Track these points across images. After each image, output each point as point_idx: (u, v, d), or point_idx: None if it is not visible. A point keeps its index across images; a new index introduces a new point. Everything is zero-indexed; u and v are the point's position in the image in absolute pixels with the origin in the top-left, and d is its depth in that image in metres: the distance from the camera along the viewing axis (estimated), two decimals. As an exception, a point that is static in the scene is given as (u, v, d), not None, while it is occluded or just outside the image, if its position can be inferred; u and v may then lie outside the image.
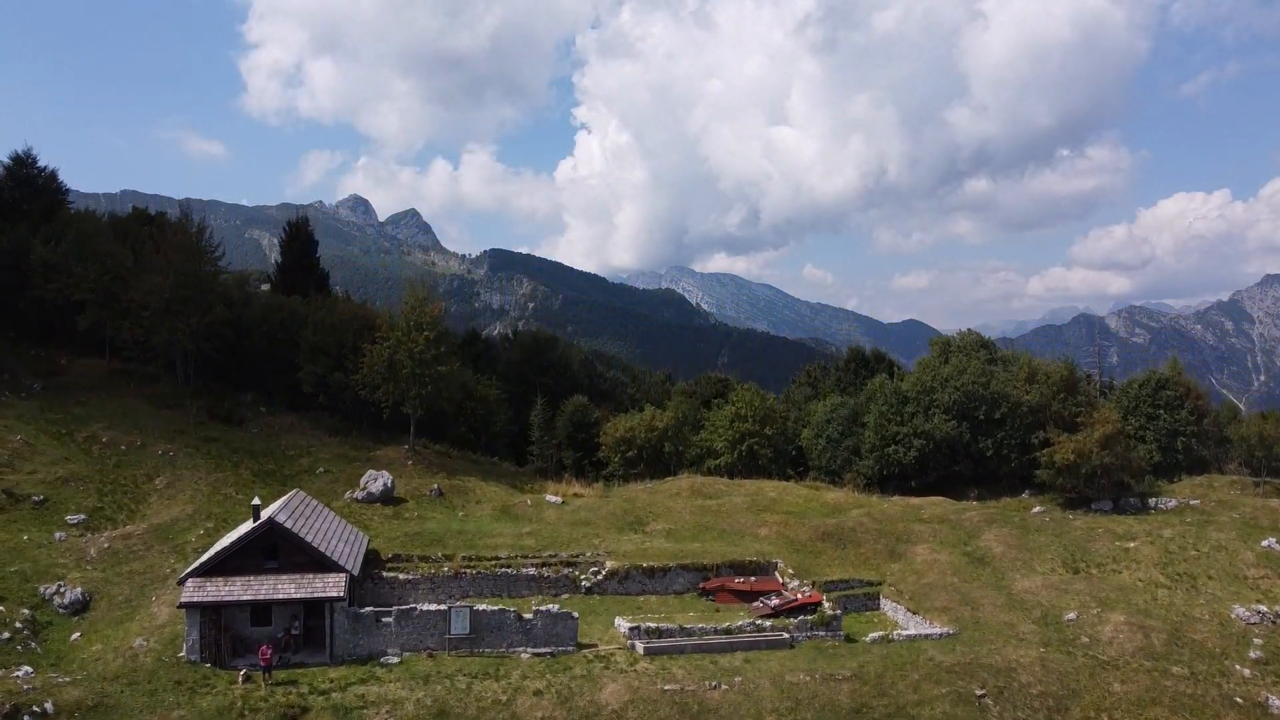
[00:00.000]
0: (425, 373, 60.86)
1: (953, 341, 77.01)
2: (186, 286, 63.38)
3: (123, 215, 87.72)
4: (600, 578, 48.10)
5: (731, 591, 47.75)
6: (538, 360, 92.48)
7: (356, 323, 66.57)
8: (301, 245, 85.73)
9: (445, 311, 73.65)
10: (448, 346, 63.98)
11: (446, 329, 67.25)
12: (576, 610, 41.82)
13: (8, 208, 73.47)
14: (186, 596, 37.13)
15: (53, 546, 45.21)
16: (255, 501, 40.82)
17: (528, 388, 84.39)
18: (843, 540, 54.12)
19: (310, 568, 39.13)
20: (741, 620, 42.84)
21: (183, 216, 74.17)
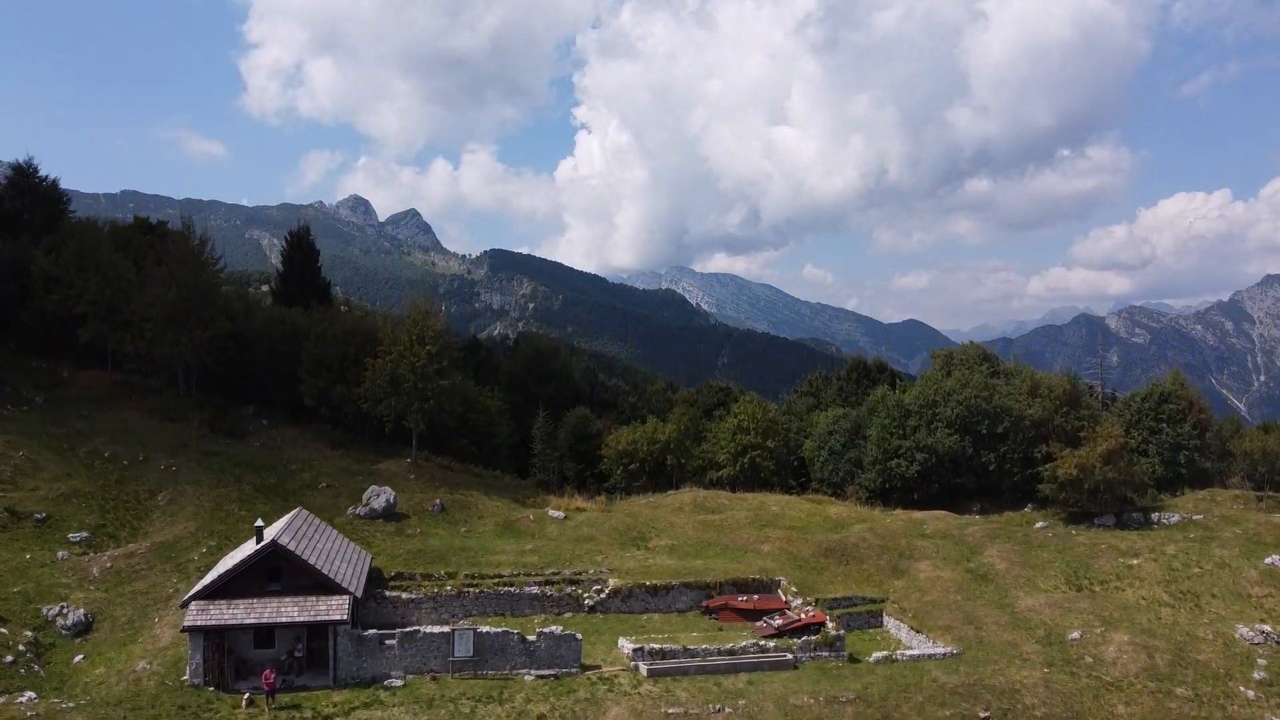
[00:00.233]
0: (428, 387, 60.71)
1: (955, 354, 76.95)
2: (189, 299, 63.16)
3: (123, 222, 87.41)
4: (603, 596, 48.05)
5: (735, 610, 47.67)
6: (539, 370, 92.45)
7: (359, 335, 66.20)
8: (303, 255, 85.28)
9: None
10: (450, 360, 63.76)
11: (449, 340, 66.99)
12: (579, 629, 41.87)
13: (9, 218, 73.29)
14: (190, 620, 37.11)
15: (55, 566, 45.14)
16: (258, 523, 40.74)
17: (529, 398, 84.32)
18: (845, 556, 54.10)
19: (313, 590, 39.11)
20: (745, 640, 42.85)
21: (184, 226, 73.91)
